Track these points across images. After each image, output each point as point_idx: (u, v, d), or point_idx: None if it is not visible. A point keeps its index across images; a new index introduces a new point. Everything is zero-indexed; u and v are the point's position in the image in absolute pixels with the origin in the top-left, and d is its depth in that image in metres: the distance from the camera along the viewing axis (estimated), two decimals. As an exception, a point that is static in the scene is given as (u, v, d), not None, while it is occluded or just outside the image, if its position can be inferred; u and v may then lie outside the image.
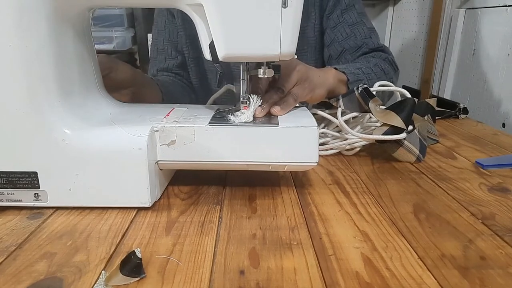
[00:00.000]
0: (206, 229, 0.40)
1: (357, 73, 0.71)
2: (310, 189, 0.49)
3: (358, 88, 0.58)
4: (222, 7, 0.40)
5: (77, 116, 0.43)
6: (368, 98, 0.57)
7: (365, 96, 0.57)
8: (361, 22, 0.84)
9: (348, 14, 0.84)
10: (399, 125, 0.55)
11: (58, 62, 0.42)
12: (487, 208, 0.44)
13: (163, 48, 0.89)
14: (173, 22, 0.88)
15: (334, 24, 0.85)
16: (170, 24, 0.88)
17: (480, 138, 0.71)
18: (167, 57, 0.89)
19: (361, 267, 0.34)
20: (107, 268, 0.33)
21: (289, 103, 0.51)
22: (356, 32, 0.84)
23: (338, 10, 0.84)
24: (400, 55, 2.00)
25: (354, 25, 0.84)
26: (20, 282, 0.32)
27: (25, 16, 0.38)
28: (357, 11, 0.84)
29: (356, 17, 0.84)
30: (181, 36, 0.88)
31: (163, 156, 0.45)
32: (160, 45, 0.90)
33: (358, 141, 0.59)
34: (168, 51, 0.89)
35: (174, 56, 0.89)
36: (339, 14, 0.84)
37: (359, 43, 0.83)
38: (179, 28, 0.87)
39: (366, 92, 0.57)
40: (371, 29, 0.85)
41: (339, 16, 0.84)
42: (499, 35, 1.12)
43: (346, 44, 0.84)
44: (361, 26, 0.84)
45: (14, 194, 0.43)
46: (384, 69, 0.77)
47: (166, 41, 0.89)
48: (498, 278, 0.32)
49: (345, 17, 0.84)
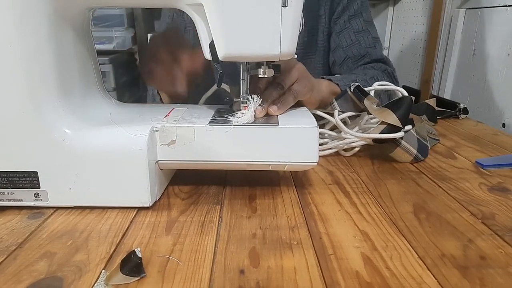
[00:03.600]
0: (206, 229, 0.40)
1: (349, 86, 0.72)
2: (310, 189, 0.49)
3: (350, 87, 0.58)
4: (222, 7, 0.40)
5: (77, 116, 0.43)
6: (362, 96, 0.57)
7: (359, 95, 0.57)
8: (367, 30, 0.85)
9: (355, 21, 0.84)
10: (395, 123, 0.55)
11: (58, 62, 0.42)
12: (487, 208, 0.44)
13: None
14: (181, 16, 0.87)
15: (340, 29, 0.85)
16: (178, 17, 0.87)
17: (480, 138, 0.71)
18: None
19: (361, 267, 0.34)
20: (107, 267, 0.33)
21: (288, 101, 0.51)
22: (360, 39, 0.84)
23: (346, 16, 0.84)
24: (400, 55, 2.00)
25: (360, 33, 0.84)
26: (20, 282, 0.32)
27: (25, 16, 0.38)
28: (364, 19, 0.85)
29: (363, 24, 0.85)
30: (188, 32, 0.86)
31: (163, 156, 0.45)
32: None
33: (356, 141, 0.59)
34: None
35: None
36: (346, 19, 0.85)
37: (362, 52, 0.84)
38: (187, 24, 0.86)
39: (359, 90, 0.57)
40: (376, 39, 0.86)
41: (346, 22, 0.85)
42: (499, 35, 1.12)
43: (349, 52, 0.84)
44: (366, 35, 0.85)
45: (15, 193, 0.43)
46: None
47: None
48: (498, 278, 0.32)
49: (351, 23, 0.84)
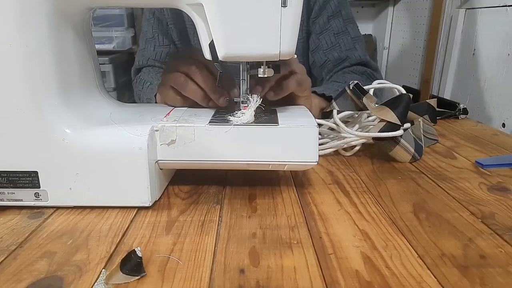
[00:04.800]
0: (206, 228, 0.40)
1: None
2: (310, 189, 0.49)
3: (349, 85, 0.58)
4: (222, 7, 0.40)
5: (77, 116, 0.43)
6: (360, 95, 0.57)
7: (357, 93, 0.57)
8: (346, 31, 0.83)
9: (334, 21, 0.83)
10: (393, 120, 0.55)
11: (58, 62, 0.42)
12: (487, 208, 0.44)
13: (152, 37, 0.85)
14: (162, 13, 0.84)
15: (320, 30, 0.84)
16: (160, 14, 0.85)
17: (480, 138, 0.71)
18: (157, 45, 0.85)
19: (361, 266, 0.34)
20: (107, 267, 0.34)
21: (290, 85, 0.50)
22: (340, 42, 0.83)
23: (325, 16, 0.83)
24: (400, 55, 2.00)
25: (339, 34, 0.83)
26: (20, 281, 0.32)
27: (25, 16, 0.39)
28: (343, 18, 0.83)
29: (342, 25, 0.83)
30: (171, 29, 0.85)
31: (163, 156, 0.45)
32: (149, 34, 0.85)
33: (355, 140, 0.59)
34: (159, 39, 0.85)
35: (167, 44, 0.85)
36: (325, 20, 0.83)
37: (342, 55, 0.83)
38: (168, 20, 0.84)
39: (358, 88, 0.57)
40: (355, 39, 0.84)
41: (326, 22, 0.83)
42: (499, 35, 1.12)
43: (330, 55, 0.83)
44: (346, 36, 0.83)
45: (15, 193, 0.43)
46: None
47: (156, 29, 0.85)
48: (498, 277, 0.32)
49: (331, 24, 0.83)
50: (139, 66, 0.87)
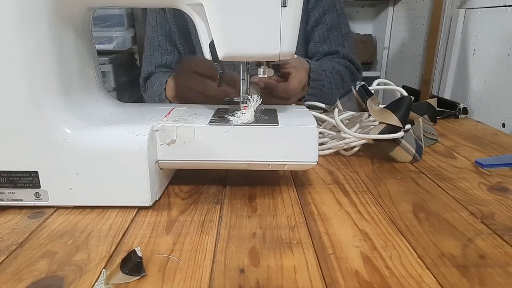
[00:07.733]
0: (206, 228, 0.40)
1: (320, 74, 0.76)
2: (310, 189, 0.49)
3: (356, 86, 0.58)
4: (222, 7, 0.40)
5: (77, 116, 0.43)
6: (365, 96, 0.57)
7: (363, 94, 0.57)
8: (338, 27, 0.89)
9: (329, 15, 0.88)
10: (396, 123, 0.55)
11: (58, 62, 0.42)
12: (487, 208, 0.44)
13: (158, 45, 0.89)
14: (165, 17, 0.88)
15: (315, 22, 0.88)
16: (162, 19, 0.88)
17: (480, 138, 0.71)
18: (164, 53, 0.89)
19: (360, 266, 0.34)
20: (107, 266, 0.34)
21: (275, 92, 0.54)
22: (331, 37, 0.89)
23: (321, 9, 0.87)
24: (400, 55, 2.00)
25: (332, 30, 0.88)
26: (21, 281, 0.32)
27: (25, 16, 0.39)
28: (338, 12, 0.88)
29: (336, 20, 0.88)
30: (174, 32, 0.88)
31: (163, 156, 0.45)
32: (155, 41, 0.89)
33: (355, 141, 0.59)
34: (164, 46, 0.89)
35: (171, 51, 0.90)
36: (321, 12, 0.88)
37: (332, 50, 0.89)
38: (171, 24, 0.87)
39: (364, 89, 0.57)
40: (345, 36, 0.89)
41: (321, 15, 0.88)
42: (499, 35, 1.12)
43: (320, 48, 0.89)
44: (337, 32, 0.89)
45: (15, 193, 0.43)
46: (343, 78, 0.84)
47: (160, 36, 0.89)
48: (497, 277, 0.32)
49: (326, 17, 0.88)
50: (148, 73, 0.91)
